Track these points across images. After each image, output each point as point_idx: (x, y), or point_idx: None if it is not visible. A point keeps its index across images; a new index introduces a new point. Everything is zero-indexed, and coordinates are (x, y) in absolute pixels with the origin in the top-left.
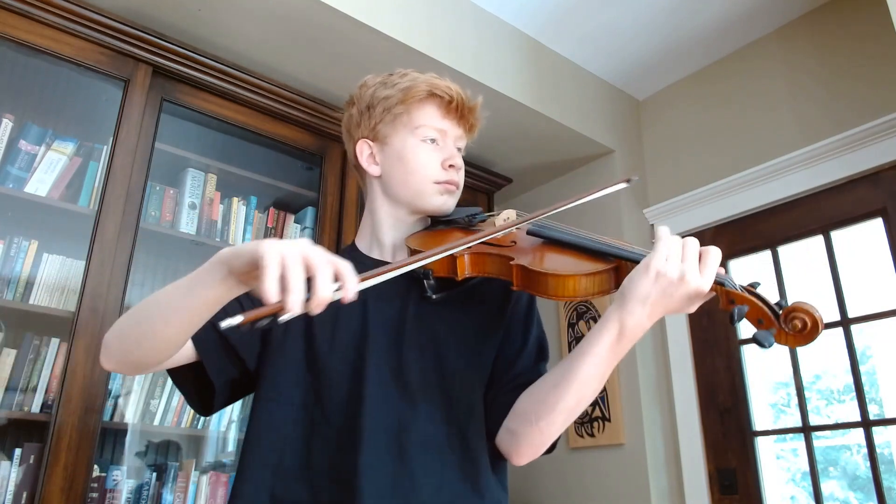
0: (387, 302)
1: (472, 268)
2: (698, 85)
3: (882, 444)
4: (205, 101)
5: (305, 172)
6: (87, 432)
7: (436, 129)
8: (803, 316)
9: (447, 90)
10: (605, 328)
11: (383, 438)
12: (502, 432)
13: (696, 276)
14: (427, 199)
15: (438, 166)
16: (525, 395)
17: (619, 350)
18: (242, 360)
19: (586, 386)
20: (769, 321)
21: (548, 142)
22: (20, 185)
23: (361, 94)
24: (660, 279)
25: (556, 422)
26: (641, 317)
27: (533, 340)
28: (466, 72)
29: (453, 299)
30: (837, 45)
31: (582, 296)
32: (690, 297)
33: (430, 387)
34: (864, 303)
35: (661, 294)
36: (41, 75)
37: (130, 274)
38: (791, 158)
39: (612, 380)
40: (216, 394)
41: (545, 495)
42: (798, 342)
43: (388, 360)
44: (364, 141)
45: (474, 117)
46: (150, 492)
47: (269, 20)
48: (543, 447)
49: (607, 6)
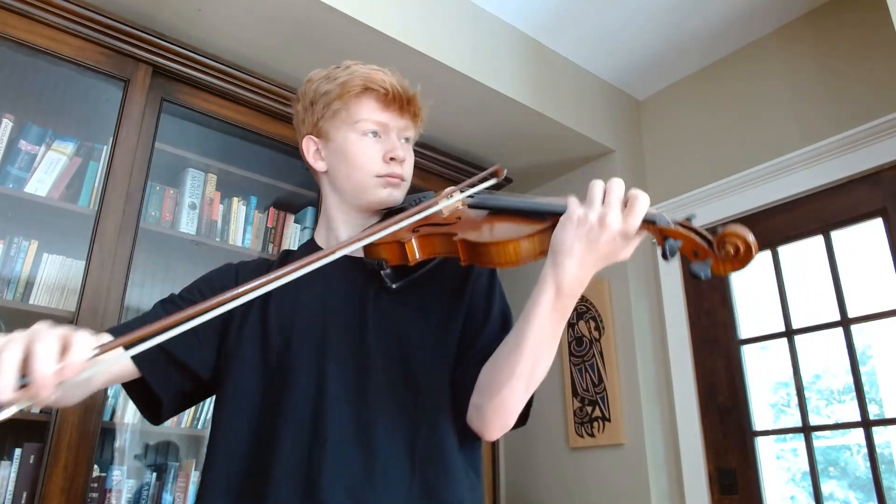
0: (345, 295)
1: (422, 251)
2: (698, 85)
3: (882, 444)
4: (205, 101)
5: (305, 172)
6: (87, 432)
7: (375, 122)
8: (735, 240)
9: (382, 83)
10: (541, 289)
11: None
12: (470, 409)
13: (617, 218)
14: (371, 193)
15: (380, 159)
16: (484, 368)
17: (561, 307)
18: (194, 372)
19: (537, 349)
20: (703, 251)
21: (548, 142)
22: (20, 185)
23: (306, 89)
24: (580, 227)
25: (517, 389)
26: (573, 269)
27: (496, 314)
28: (466, 71)
29: (414, 285)
30: (837, 45)
31: (527, 258)
32: (617, 240)
33: (393, 375)
34: (864, 303)
35: (587, 242)
36: (41, 75)
37: (130, 274)
38: (791, 158)
39: (612, 380)
40: (164, 405)
41: (545, 495)
42: (734, 267)
43: (350, 355)
44: (309, 137)
45: (415, 107)
46: (150, 492)
47: (268, 20)
48: (511, 418)
49: (607, 6)
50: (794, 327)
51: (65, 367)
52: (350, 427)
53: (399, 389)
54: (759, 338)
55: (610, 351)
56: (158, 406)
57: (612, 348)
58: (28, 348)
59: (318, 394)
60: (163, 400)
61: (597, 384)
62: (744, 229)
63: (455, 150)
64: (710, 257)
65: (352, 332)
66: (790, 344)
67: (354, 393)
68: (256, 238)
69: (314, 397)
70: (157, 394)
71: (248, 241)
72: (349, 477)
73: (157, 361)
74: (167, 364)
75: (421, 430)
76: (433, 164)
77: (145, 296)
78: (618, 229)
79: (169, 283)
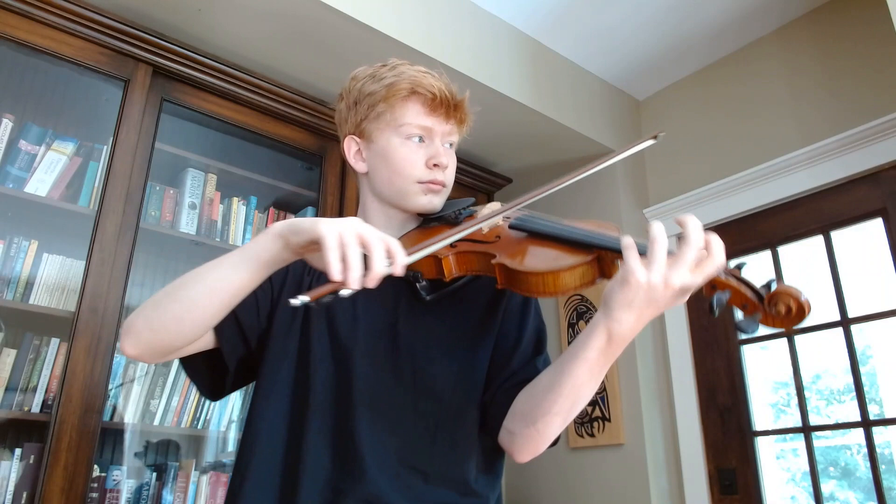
0: (378, 305)
1: (458, 267)
2: (698, 85)
3: (882, 444)
4: (205, 101)
5: (305, 172)
6: (87, 432)
7: (420, 126)
8: (788, 300)
9: (430, 87)
10: (593, 334)
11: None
12: (502, 432)
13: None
14: (411, 199)
15: (423, 165)
16: (521, 395)
17: (610, 353)
18: (248, 339)
19: (580, 390)
20: (753, 306)
21: (548, 142)
22: (20, 185)
23: (350, 87)
24: (640, 289)
25: (553, 423)
26: (629, 322)
27: (529, 333)
28: (466, 71)
29: (446, 299)
30: (837, 45)
31: (565, 291)
32: (678, 296)
33: (418, 391)
34: (864, 303)
35: (646, 300)
36: (41, 75)
37: (130, 274)
38: (791, 158)
39: (612, 380)
40: (228, 375)
41: (545, 495)
42: (784, 325)
43: (378, 363)
44: (351, 137)
45: (462, 112)
46: (150, 492)
47: (268, 20)
48: (544, 446)
49: (607, 6)
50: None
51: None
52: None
53: (423, 403)
54: (759, 338)
55: None
56: (221, 378)
57: None
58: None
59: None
60: (229, 367)
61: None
62: (797, 290)
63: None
64: (759, 312)
65: (382, 339)
66: (790, 344)
67: (379, 401)
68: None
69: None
70: (226, 361)
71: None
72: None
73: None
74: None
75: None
76: None
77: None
78: (681, 286)
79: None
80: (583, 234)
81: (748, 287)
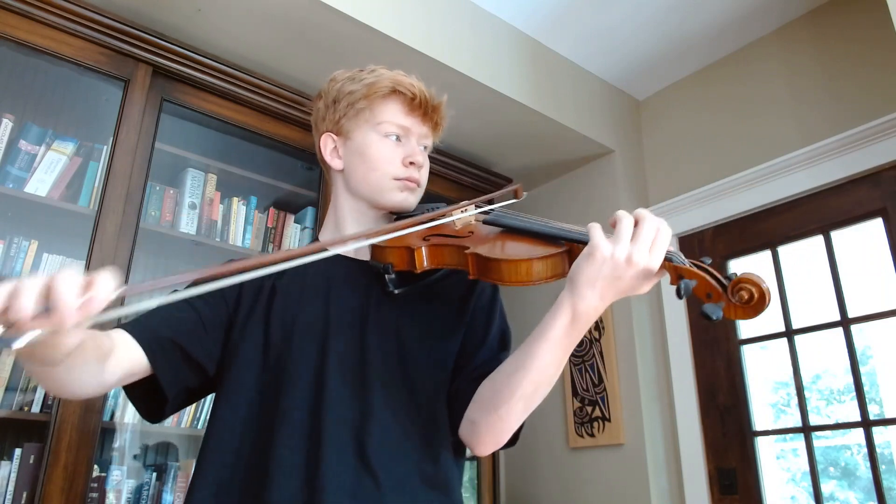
0: (348, 296)
1: (431, 260)
2: (698, 85)
3: (882, 444)
4: (205, 101)
5: (305, 172)
6: (87, 432)
7: (398, 125)
8: (750, 287)
9: (410, 87)
10: (557, 313)
11: (344, 435)
12: (464, 423)
13: (645, 256)
14: (387, 195)
15: (399, 163)
16: (484, 383)
17: (573, 334)
18: (202, 367)
19: (543, 372)
20: (717, 294)
21: (548, 142)
22: (20, 185)
23: (329, 88)
24: (606, 262)
25: (516, 409)
26: (592, 300)
27: (495, 331)
28: (465, 71)
29: (416, 294)
30: (837, 45)
31: (537, 280)
32: (640, 277)
33: (391, 381)
34: (864, 303)
35: (611, 277)
36: (41, 75)
37: (130, 274)
38: (791, 158)
39: (612, 380)
40: (168, 402)
41: (545, 495)
42: (747, 314)
43: (349, 353)
44: (328, 135)
45: (439, 115)
46: (150, 492)
47: (268, 20)
48: (505, 436)
49: (607, 6)
50: (795, 327)
51: (90, 299)
52: (348, 428)
53: (396, 394)
54: (759, 338)
55: (610, 351)
56: (161, 404)
57: (612, 348)
58: (50, 280)
59: (316, 393)
60: (168, 396)
61: (597, 384)
62: (758, 277)
63: (454, 149)
64: (723, 300)
65: (352, 332)
66: (790, 344)
67: (352, 394)
68: (256, 238)
69: (312, 396)
70: (165, 390)
71: (248, 242)
72: (347, 478)
73: (168, 355)
74: (177, 359)
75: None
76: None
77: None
78: (643, 267)
79: None
80: (555, 229)
81: (712, 276)
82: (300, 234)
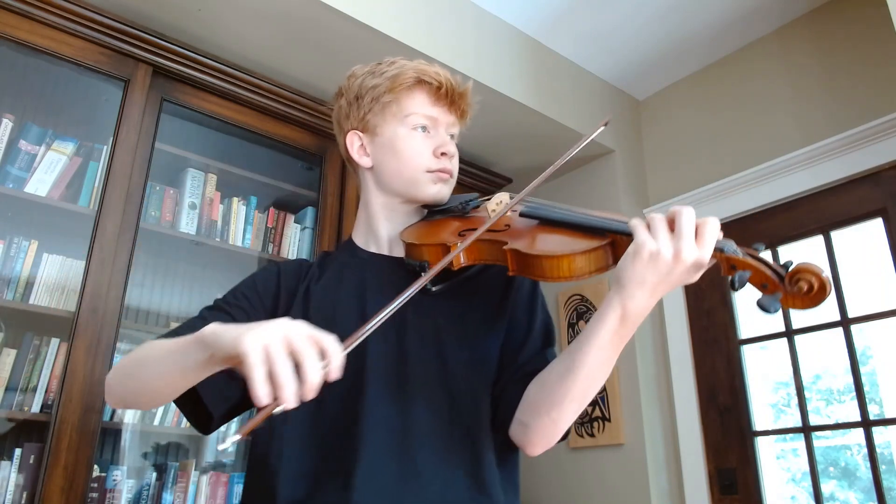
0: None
1: (468, 256)
2: (698, 85)
3: (882, 444)
4: (205, 101)
5: (305, 172)
6: (87, 432)
7: (426, 116)
8: (809, 277)
9: (436, 76)
10: (606, 314)
11: (384, 437)
12: (514, 424)
13: (693, 250)
14: (421, 189)
15: (430, 154)
16: (533, 385)
17: (623, 334)
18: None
19: (593, 374)
20: (774, 285)
21: (548, 142)
22: (20, 185)
23: (350, 84)
24: (653, 260)
25: (568, 411)
26: (643, 299)
27: (538, 326)
28: (466, 71)
29: (453, 290)
30: (837, 45)
31: (579, 275)
32: (690, 270)
33: (431, 381)
34: (864, 303)
35: (660, 274)
36: (41, 75)
37: (130, 274)
38: (791, 158)
39: (612, 380)
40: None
41: (545, 495)
42: (805, 305)
43: (389, 354)
44: (354, 132)
45: (465, 103)
46: (150, 492)
47: (268, 20)
48: (557, 437)
49: (607, 6)
50: (794, 327)
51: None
52: (386, 429)
53: (436, 393)
54: (759, 338)
55: None
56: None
57: None
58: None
59: (355, 394)
60: (214, 414)
61: None
62: (817, 266)
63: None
64: (779, 291)
65: (390, 331)
66: (790, 344)
67: (391, 394)
68: (256, 238)
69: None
70: (209, 408)
71: (248, 242)
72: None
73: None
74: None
75: (455, 436)
76: None
77: (145, 296)
78: (693, 261)
79: (169, 283)
80: (596, 220)
81: (767, 266)
82: (300, 234)
